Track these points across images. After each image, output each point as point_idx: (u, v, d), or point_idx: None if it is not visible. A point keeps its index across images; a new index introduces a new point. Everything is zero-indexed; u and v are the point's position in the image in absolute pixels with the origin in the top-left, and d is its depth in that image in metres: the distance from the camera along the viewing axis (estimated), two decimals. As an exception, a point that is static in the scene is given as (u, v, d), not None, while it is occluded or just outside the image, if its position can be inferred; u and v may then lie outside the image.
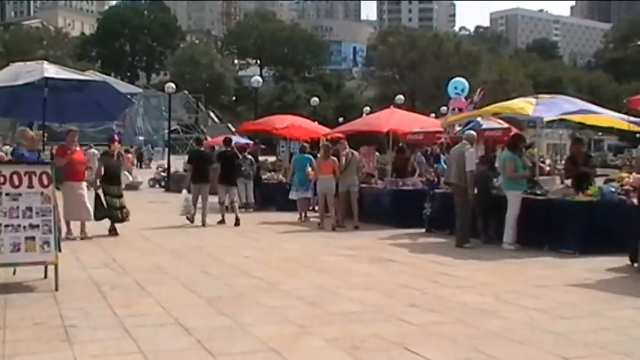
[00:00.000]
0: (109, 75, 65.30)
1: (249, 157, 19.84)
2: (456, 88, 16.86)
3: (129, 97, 15.57)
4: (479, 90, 17.24)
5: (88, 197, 12.79)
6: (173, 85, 34.81)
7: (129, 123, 65.22)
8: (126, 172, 15.03)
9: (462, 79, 17.72)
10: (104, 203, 13.19)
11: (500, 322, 6.59)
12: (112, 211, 13.27)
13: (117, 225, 13.34)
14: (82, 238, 12.51)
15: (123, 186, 13.94)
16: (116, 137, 14.89)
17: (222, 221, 15.37)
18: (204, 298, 7.59)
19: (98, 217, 13.12)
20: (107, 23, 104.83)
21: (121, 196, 13.56)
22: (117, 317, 6.66)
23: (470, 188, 12.04)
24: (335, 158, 15.50)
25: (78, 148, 13.00)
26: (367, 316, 6.82)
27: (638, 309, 7.10)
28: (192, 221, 15.17)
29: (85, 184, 12.86)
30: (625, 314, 6.88)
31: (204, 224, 14.99)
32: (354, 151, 16.09)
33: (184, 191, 15.93)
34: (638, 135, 9.87)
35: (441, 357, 5.42)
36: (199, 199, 15.49)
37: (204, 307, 7.23)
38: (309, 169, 16.96)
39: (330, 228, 14.78)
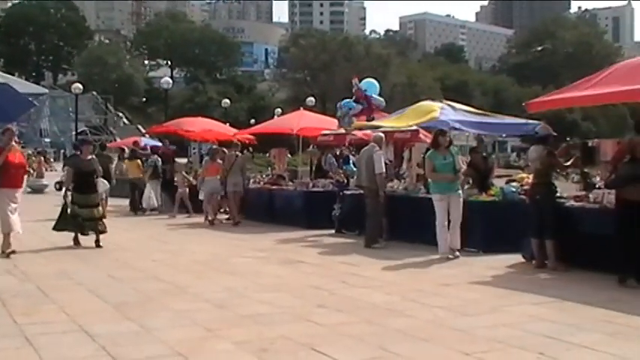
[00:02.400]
0: (13, 74, 63.11)
1: (155, 158, 19.58)
2: (366, 90, 17.05)
3: (31, 98, 15.05)
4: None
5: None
6: (80, 85, 34.02)
7: (31, 124, 63.16)
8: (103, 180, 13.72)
9: (372, 80, 17.92)
10: (69, 213, 12.00)
11: (406, 320, 6.73)
12: (77, 222, 12.01)
13: (100, 237, 12.09)
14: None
15: (104, 195, 13.00)
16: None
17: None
18: (111, 304, 7.44)
19: (58, 228, 12.10)
20: (10, 21, 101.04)
21: (94, 205, 12.28)
22: (17, 326, 6.45)
23: (380, 190, 12.23)
24: (221, 161, 16.84)
25: (17, 149, 11.50)
26: (276, 318, 6.83)
27: (535, 304, 7.37)
28: None
29: (20, 191, 11.40)
30: (523, 310, 7.14)
31: None
32: (240, 153, 17.06)
33: None
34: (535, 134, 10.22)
35: (348, 356, 5.49)
36: None
37: (110, 312, 7.09)
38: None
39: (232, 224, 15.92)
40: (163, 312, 7.10)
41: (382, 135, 12.82)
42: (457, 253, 10.65)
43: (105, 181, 13.92)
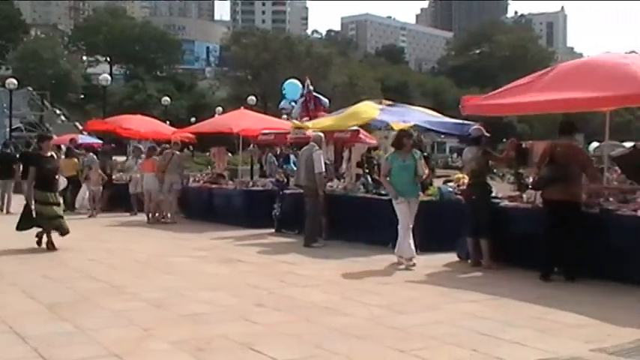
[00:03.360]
0: (-58, 69, 61.10)
1: (90, 156, 19.26)
2: (284, 89, 17.14)
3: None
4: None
5: None
6: (15, 80, 33.19)
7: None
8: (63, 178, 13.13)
9: (296, 81, 17.97)
10: (34, 212, 11.57)
11: (344, 319, 6.79)
12: (42, 221, 11.61)
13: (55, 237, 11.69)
14: None
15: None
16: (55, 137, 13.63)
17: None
18: (44, 304, 7.30)
19: (21, 227, 11.64)
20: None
21: (57, 203, 11.88)
22: (-55, 328, 6.29)
23: (320, 189, 12.30)
24: (157, 158, 16.89)
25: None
26: (214, 317, 6.82)
27: (470, 302, 7.54)
28: None
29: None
30: (458, 307, 7.28)
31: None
32: (177, 152, 16.94)
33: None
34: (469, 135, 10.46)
35: (285, 355, 5.52)
36: None
37: (43, 313, 6.96)
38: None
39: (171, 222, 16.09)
40: (99, 312, 7.01)
41: (322, 135, 12.88)
42: (412, 262, 9.94)
43: (64, 179, 13.56)
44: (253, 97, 42.37)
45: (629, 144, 12.93)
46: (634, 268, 8.25)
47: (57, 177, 12.18)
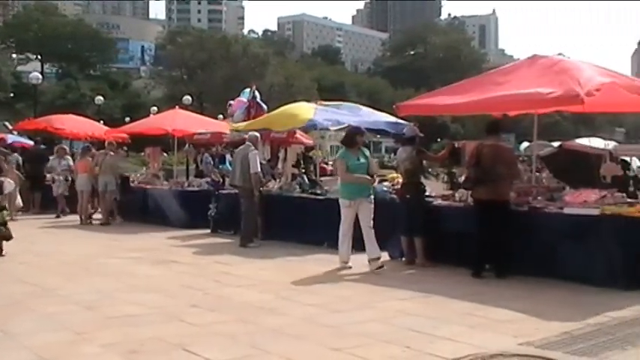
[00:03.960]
0: None
1: (15, 156, 18.80)
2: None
3: None
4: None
5: None
6: (-61, 79, 32.06)
7: None
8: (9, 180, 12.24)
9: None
10: None
11: (279, 318, 6.81)
12: None
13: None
14: None
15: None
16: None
17: None
18: (-29, 309, 7.12)
19: None
20: None
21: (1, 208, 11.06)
22: None
23: (255, 189, 12.29)
24: (90, 158, 16.58)
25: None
26: (147, 319, 6.75)
27: (403, 300, 7.65)
28: None
29: None
30: (392, 305, 7.38)
31: None
32: (112, 152, 16.57)
33: None
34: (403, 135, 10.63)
35: (220, 355, 5.50)
36: None
37: (-30, 317, 6.78)
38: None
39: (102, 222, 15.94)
40: (29, 316, 6.86)
41: (257, 134, 12.86)
42: (380, 263, 9.56)
43: (11, 181, 12.83)
44: (189, 97, 42.03)
45: (557, 143, 13.30)
46: (561, 264, 8.50)
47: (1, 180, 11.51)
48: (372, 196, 9.90)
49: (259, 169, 12.28)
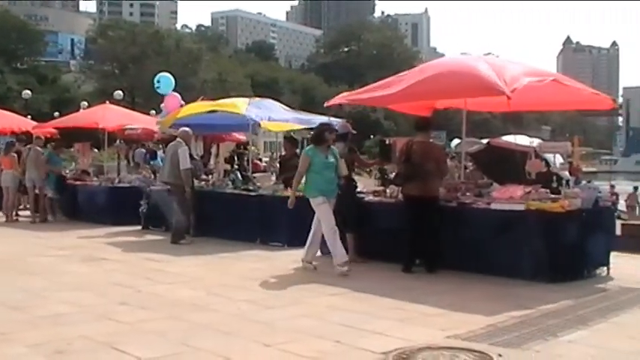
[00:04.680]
0: None
1: None
2: (159, 82, 16.80)
3: None
4: (200, 98, 17.38)
5: None
6: None
7: None
8: None
9: (167, 75, 17.71)
10: None
11: (210, 315, 6.79)
12: None
13: None
14: None
15: None
16: None
17: None
18: None
19: None
20: None
21: None
22: None
23: (186, 186, 12.18)
24: (15, 154, 16.11)
25: None
26: (75, 318, 6.64)
27: (335, 295, 7.72)
28: None
29: None
30: (323, 300, 7.45)
31: None
32: (37, 147, 16.08)
33: None
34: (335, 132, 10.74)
35: (150, 353, 5.45)
36: None
37: None
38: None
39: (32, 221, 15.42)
40: (-50, 316, 6.67)
41: (189, 130, 12.73)
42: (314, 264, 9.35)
43: None
44: (120, 92, 41.27)
45: (486, 141, 13.57)
46: (489, 259, 8.71)
47: None
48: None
49: (189, 166, 12.16)
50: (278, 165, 15.06)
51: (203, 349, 5.58)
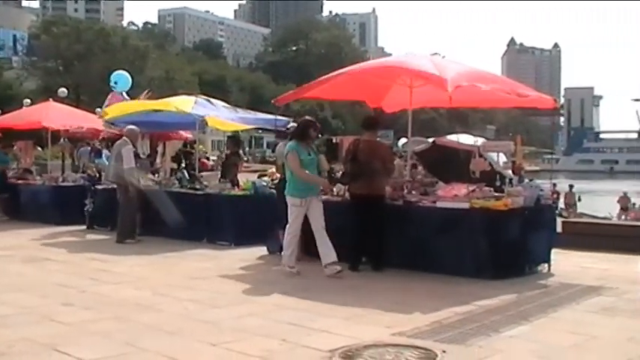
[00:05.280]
0: None
1: None
2: (116, 83, 16.61)
3: None
4: (146, 91, 17.20)
5: None
6: None
7: None
8: None
9: (124, 72, 17.48)
10: None
11: (155, 315, 6.74)
12: None
13: None
14: None
15: None
16: None
17: None
18: None
19: None
20: None
21: None
22: None
23: (130, 185, 12.02)
24: None
25: None
26: (17, 319, 6.52)
27: (281, 294, 7.71)
28: None
29: None
30: (269, 299, 7.46)
31: None
32: None
33: None
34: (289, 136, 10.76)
35: (93, 355, 5.39)
36: None
37: None
38: None
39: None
40: None
41: (136, 129, 12.57)
42: (338, 267, 8.71)
43: None
44: (64, 89, 40.44)
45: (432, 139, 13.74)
46: (434, 257, 8.82)
47: None
48: (321, 195, 9.29)
49: (132, 165, 12.00)
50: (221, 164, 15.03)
51: (148, 349, 5.54)
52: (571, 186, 32.95)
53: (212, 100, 13.94)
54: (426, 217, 9.05)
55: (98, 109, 21.62)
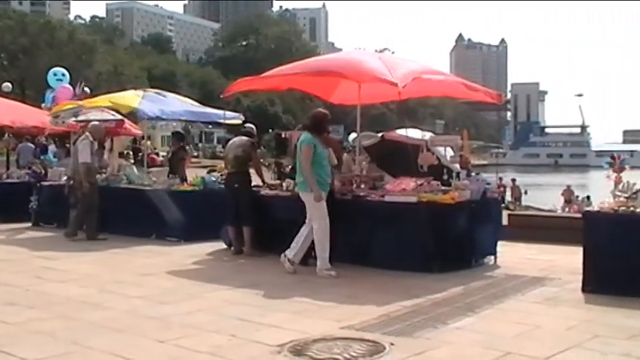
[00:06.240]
0: None
1: None
2: (63, 75, 16.36)
3: None
4: (79, 82, 16.95)
5: None
6: None
7: None
8: None
9: (62, 69, 17.20)
10: None
11: (102, 312, 6.65)
12: None
13: None
14: None
15: None
16: None
17: None
18: None
19: None
20: None
21: None
22: None
23: (84, 180, 11.78)
24: None
25: None
26: (-42, 320, 6.37)
27: (231, 289, 7.70)
28: None
29: None
30: (219, 295, 7.43)
31: None
32: None
33: None
34: (242, 129, 10.74)
35: (38, 354, 5.29)
36: None
37: None
38: None
39: None
40: None
41: (98, 124, 12.35)
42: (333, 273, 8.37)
43: None
44: (9, 84, 39.62)
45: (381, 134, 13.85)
46: (383, 250, 8.88)
47: None
48: None
49: (89, 160, 11.79)
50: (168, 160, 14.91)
51: (95, 347, 5.47)
52: (514, 180, 33.57)
53: (163, 92, 13.82)
54: (374, 212, 9.10)
55: (44, 104, 21.24)
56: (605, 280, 7.15)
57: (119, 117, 17.40)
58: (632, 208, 7.26)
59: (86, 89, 16.73)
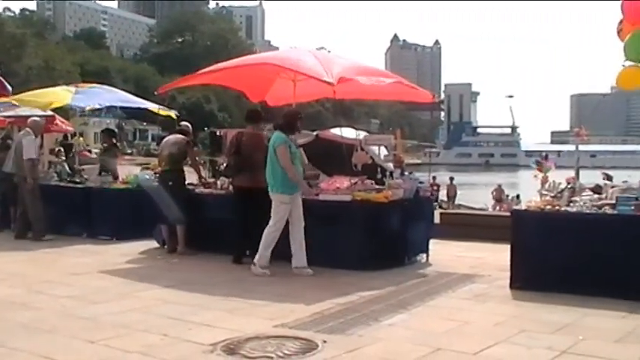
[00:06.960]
0: None
1: None
2: None
3: None
4: None
5: None
6: None
7: None
8: None
9: None
10: None
11: (30, 313, 6.51)
12: None
13: None
14: None
15: None
16: None
17: None
18: None
19: None
20: None
21: None
22: None
23: (29, 177, 11.43)
24: None
25: None
26: None
27: (163, 288, 7.64)
28: None
29: None
30: (151, 294, 7.35)
31: None
32: None
33: None
34: (178, 127, 10.65)
35: (-39, 356, 5.17)
36: None
37: None
38: None
39: None
40: None
41: (38, 120, 12.02)
42: (309, 271, 8.39)
43: None
44: None
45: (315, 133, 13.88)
46: (317, 249, 8.79)
47: None
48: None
49: (34, 156, 11.44)
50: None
51: (22, 349, 5.34)
52: (452, 178, 34.10)
53: (96, 85, 13.59)
54: (309, 210, 9.08)
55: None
56: (532, 276, 7.36)
57: (50, 113, 17.05)
58: (557, 207, 7.49)
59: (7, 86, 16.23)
